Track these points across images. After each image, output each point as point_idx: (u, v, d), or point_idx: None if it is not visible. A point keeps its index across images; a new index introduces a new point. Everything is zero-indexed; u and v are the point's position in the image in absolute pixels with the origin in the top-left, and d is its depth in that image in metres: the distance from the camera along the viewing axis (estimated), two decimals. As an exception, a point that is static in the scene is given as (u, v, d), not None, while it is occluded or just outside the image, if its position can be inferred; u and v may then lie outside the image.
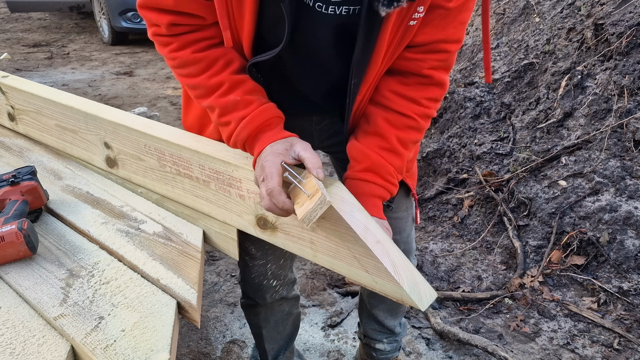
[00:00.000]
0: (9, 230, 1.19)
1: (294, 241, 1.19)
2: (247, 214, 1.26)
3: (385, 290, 1.02)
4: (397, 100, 1.10)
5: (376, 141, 1.11)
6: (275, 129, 1.04)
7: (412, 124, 1.12)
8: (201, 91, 1.05)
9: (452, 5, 0.98)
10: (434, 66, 1.07)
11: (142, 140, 1.41)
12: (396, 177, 1.14)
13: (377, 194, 1.12)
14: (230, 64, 1.04)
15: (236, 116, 1.02)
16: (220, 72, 1.03)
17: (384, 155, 1.11)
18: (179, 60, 1.04)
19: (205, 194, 1.34)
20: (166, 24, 1.00)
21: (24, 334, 1.04)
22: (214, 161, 1.25)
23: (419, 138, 1.17)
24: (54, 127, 1.71)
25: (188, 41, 1.02)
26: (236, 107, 1.03)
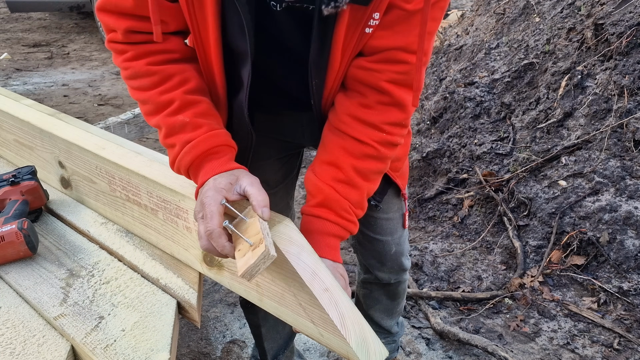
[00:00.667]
0: (9, 230, 1.19)
1: (239, 282, 1.11)
2: (193, 248, 1.19)
3: (331, 345, 0.94)
4: (355, 125, 1.01)
5: (331, 172, 1.03)
6: (222, 158, 0.95)
7: (370, 152, 1.02)
8: (150, 107, 0.97)
9: (410, 7, 0.89)
10: (392, 79, 0.97)
11: (94, 162, 1.34)
12: (353, 214, 1.04)
13: (332, 231, 1.02)
14: (185, 82, 0.97)
15: (181, 139, 0.94)
16: (173, 89, 0.96)
17: (338, 188, 1.02)
18: (132, 71, 0.96)
19: (153, 223, 1.27)
20: (123, 30, 0.93)
21: (24, 334, 1.04)
22: (161, 189, 1.18)
23: (381, 168, 1.06)
24: (13, 141, 1.65)
25: (144, 51, 0.95)
26: (183, 129, 0.95)
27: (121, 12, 0.93)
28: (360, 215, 1.07)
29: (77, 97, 5.23)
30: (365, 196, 1.06)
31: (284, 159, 1.35)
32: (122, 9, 0.92)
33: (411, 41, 0.93)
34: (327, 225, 1.02)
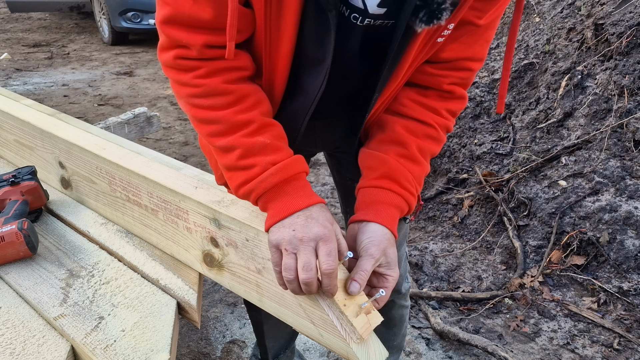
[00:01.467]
0: (9, 230, 1.19)
1: (239, 282, 1.12)
2: (193, 248, 1.19)
3: (331, 345, 0.94)
4: (417, 108, 1.03)
5: (394, 148, 1.03)
6: (307, 187, 0.92)
7: (432, 133, 1.04)
8: (222, 127, 0.90)
9: (482, 22, 0.92)
10: (454, 82, 1.02)
11: (94, 162, 1.34)
12: (415, 187, 1.03)
13: (394, 202, 1.00)
14: (260, 103, 0.93)
15: (263, 160, 0.89)
16: (250, 109, 0.91)
17: (402, 162, 1.02)
18: (205, 89, 0.89)
19: (153, 223, 1.27)
20: (200, 45, 0.85)
21: (24, 334, 1.04)
22: (161, 189, 1.18)
23: (436, 151, 1.08)
24: (13, 142, 1.65)
25: (220, 68, 0.89)
26: (264, 151, 0.89)
27: (198, 26, 0.84)
28: (419, 191, 1.05)
29: (77, 97, 5.24)
30: (424, 175, 1.06)
31: None
32: (200, 22, 0.84)
33: (477, 51, 0.99)
34: (390, 195, 1.00)
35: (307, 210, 0.87)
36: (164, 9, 0.84)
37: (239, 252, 1.06)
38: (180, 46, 0.87)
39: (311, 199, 0.89)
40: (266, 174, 0.88)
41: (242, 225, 1.01)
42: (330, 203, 3.18)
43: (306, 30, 0.89)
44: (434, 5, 0.82)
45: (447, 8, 0.83)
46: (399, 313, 1.56)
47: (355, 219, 0.97)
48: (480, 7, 0.91)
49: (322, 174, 3.52)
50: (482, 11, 0.91)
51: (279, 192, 0.89)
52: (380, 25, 0.89)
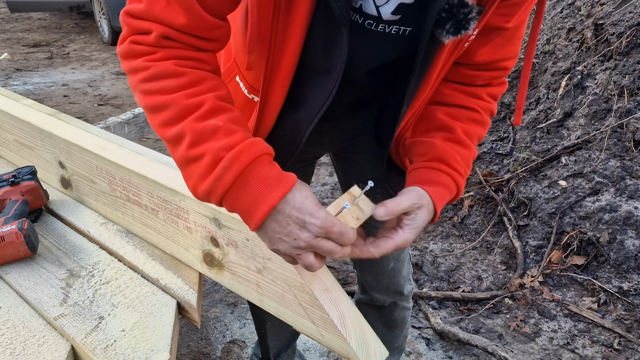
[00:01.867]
0: (9, 230, 1.19)
1: (240, 282, 1.11)
2: (194, 248, 1.18)
3: (331, 345, 0.93)
4: (458, 95, 1.02)
5: (441, 134, 0.99)
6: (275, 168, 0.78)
7: (476, 117, 1.01)
8: (172, 113, 0.78)
9: (510, 25, 0.92)
10: (491, 77, 1.02)
11: (94, 162, 1.33)
12: (463, 169, 0.98)
13: (443, 182, 0.94)
14: (217, 88, 0.82)
15: (214, 146, 0.74)
16: (203, 92, 0.79)
17: (450, 145, 0.98)
18: (154, 70, 0.79)
19: (153, 223, 1.26)
20: (159, 35, 0.79)
21: (24, 334, 1.03)
22: (162, 189, 1.17)
23: (483, 134, 1.04)
24: (13, 142, 1.65)
25: (175, 55, 0.80)
26: (215, 135, 0.75)
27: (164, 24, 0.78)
28: (467, 174, 1.00)
29: (77, 97, 5.24)
30: (472, 158, 1.03)
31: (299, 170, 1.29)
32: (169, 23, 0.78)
33: (509, 50, 0.98)
34: (440, 176, 0.94)
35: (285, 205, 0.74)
36: (135, 3, 0.79)
37: (239, 252, 1.06)
38: (139, 32, 0.80)
39: (282, 184, 0.74)
40: (220, 168, 0.73)
41: (243, 224, 1.01)
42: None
43: (314, 39, 0.84)
44: (460, 16, 0.80)
45: (474, 17, 0.81)
46: (401, 315, 1.55)
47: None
48: (506, 12, 0.89)
49: (322, 174, 3.52)
50: (509, 15, 0.90)
51: (242, 188, 0.74)
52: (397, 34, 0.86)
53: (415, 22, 0.84)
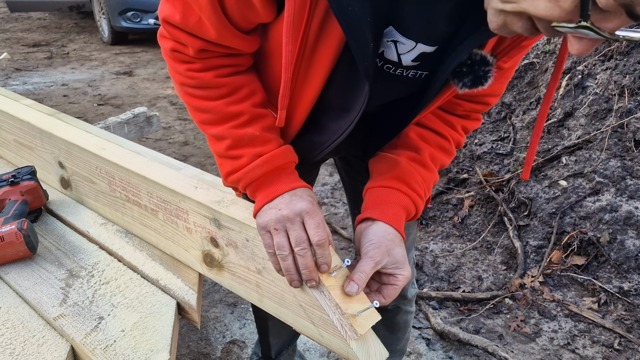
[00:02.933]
0: (9, 230, 1.19)
1: (240, 282, 1.12)
2: (193, 248, 1.18)
3: (331, 345, 0.94)
4: (436, 120, 1.06)
5: (407, 152, 1.04)
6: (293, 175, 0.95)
7: (445, 144, 1.07)
8: (214, 117, 0.93)
9: (507, 66, 0.95)
10: (474, 109, 1.06)
11: (94, 162, 1.34)
12: (424, 190, 1.03)
13: (402, 202, 0.99)
14: (253, 94, 0.94)
15: (251, 152, 0.91)
16: (241, 101, 0.93)
17: (413, 165, 1.03)
18: (198, 82, 0.91)
19: (153, 223, 1.26)
20: (197, 49, 0.88)
21: (24, 334, 1.03)
22: (161, 189, 1.17)
23: (446, 163, 1.10)
24: (12, 142, 1.65)
25: (214, 65, 0.91)
26: (252, 142, 0.92)
27: (199, 37, 0.86)
28: (427, 196, 1.06)
29: (77, 97, 5.23)
30: (433, 183, 1.08)
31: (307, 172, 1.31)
32: (202, 36, 0.86)
33: (496, 88, 1.01)
34: (398, 196, 1.00)
35: (291, 191, 0.90)
36: (172, 11, 0.85)
37: (239, 252, 1.06)
38: (180, 43, 0.89)
39: (296, 183, 0.92)
40: (253, 165, 0.91)
41: (242, 225, 1.00)
42: (330, 203, 3.18)
43: (335, 79, 0.89)
44: (480, 73, 0.83)
45: (492, 74, 0.84)
46: (403, 319, 1.54)
47: (362, 217, 0.97)
48: (511, 54, 0.91)
49: (322, 174, 3.52)
50: (510, 57, 0.93)
51: (265, 181, 0.92)
52: (413, 77, 0.90)
53: (433, 67, 0.87)
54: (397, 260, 0.91)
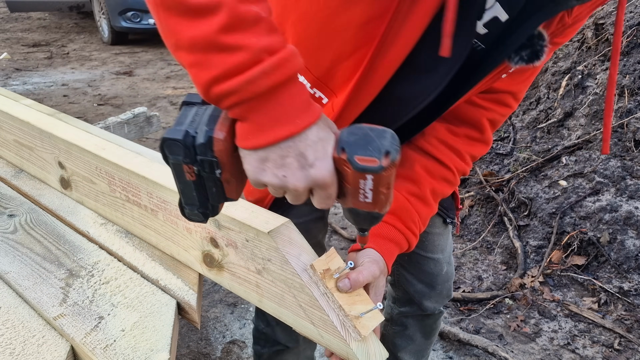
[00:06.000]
0: None
1: (239, 283, 1.10)
2: (193, 249, 1.17)
3: (331, 346, 0.93)
4: (443, 149, 1.02)
5: (408, 186, 1.01)
6: (304, 92, 0.64)
7: (449, 176, 1.04)
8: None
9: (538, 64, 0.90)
10: (492, 118, 1.02)
11: (94, 162, 1.33)
12: (418, 228, 1.01)
13: (395, 239, 0.97)
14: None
15: (256, 43, 0.59)
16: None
17: (412, 201, 1.00)
18: None
19: (153, 224, 1.25)
20: None
21: (24, 334, 1.03)
22: (161, 189, 1.16)
23: (447, 193, 1.08)
24: (12, 142, 1.64)
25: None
26: (257, 26, 0.60)
27: None
28: (422, 230, 1.03)
29: (77, 97, 5.23)
30: (430, 216, 1.05)
31: None
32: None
33: (521, 89, 0.99)
34: (393, 232, 0.98)
35: (301, 138, 0.63)
36: None
37: (239, 253, 1.06)
38: None
39: (309, 113, 0.63)
40: (258, 70, 0.59)
41: (242, 225, 1.00)
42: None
43: (429, 36, 0.78)
44: (537, 46, 0.82)
45: (546, 50, 0.83)
46: (440, 321, 1.52)
47: (355, 247, 0.97)
48: (565, 32, 0.89)
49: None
50: (565, 35, 0.91)
51: (270, 100, 0.61)
52: (472, 47, 0.84)
53: (493, 41, 0.84)
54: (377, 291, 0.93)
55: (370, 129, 0.66)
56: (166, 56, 6.90)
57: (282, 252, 0.93)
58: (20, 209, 1.45)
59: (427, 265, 1.31)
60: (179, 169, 0.68)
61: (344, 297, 0.89)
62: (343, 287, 0.87)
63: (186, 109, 0.69)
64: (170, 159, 0.67)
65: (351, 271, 0.89)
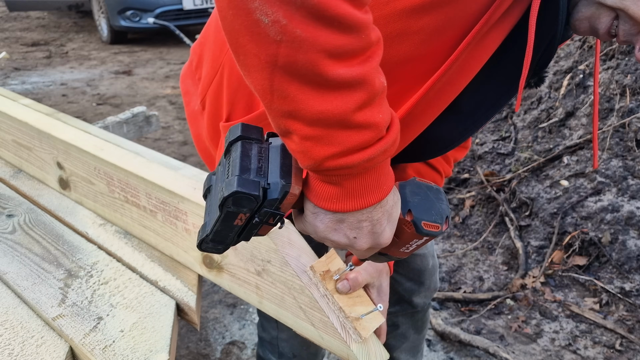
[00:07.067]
0: None
1: (239, 284, 1.11)
2: (192, 250, 1.17)
3: (331, 347, 0.93)
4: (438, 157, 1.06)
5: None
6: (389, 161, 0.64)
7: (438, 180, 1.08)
8: (355, 41, 0.51)
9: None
10: None
11: (92, 163, 1.33)
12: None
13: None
14: None
15: (383, 119, 0.56)
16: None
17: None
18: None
19: (152, 224, 1.26)
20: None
21: (23, 335, 1.02)
22: (160, 190, 1.16)
23: None
24: (11, 142, 1.64)
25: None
26: (383, 99, 0.57)
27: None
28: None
29: (76, 97, 5.22)
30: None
31: None
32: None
33: None
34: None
35: (382, 204, 0.62)
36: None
37: (238, 254, 1.05)
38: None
39: (390, 177, 0.62)
40: (379, 149, 0.56)
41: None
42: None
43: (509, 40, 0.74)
44: (543, 74, 0.83)
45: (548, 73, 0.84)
46: (429, 314, 1.53)
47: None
48: None
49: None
50: None
51: (371, 171, 0.59)
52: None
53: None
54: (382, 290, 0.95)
55: (428, 188, 0.68)
56: (165, 55, 6.90)
57: (281, 253, 0.93)
58: (19, 209, 1.44)
59: (414, 262, 1.33)
60: (233, 217, 0.61)
61: (344, 299, 0.89)
62: (342, 289, 0.88)
63: (245, 148, 0.61)
64: (231, 209, 0.60)
65: (350, 272, 0.89)
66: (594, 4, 0.67)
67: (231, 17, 0.51)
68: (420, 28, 0.67)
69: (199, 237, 0.67)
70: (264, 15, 0.49)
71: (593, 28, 0.70)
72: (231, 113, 0.92)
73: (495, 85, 0.80)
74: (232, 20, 0.51)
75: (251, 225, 0.64)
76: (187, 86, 1.11)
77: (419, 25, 0.67)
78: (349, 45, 0.51)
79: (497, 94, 0.81)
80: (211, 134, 1.01)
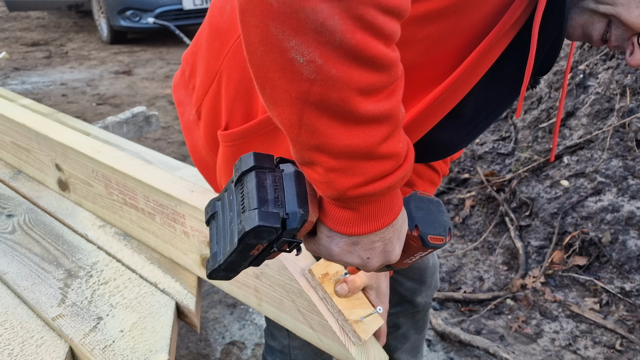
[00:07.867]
0: None
1: (238, 287, 1.11)
2: (191, 252, 1.17)
3: (331, 350, 0.93)
4: None
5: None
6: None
7: (435, 179, 1.08)
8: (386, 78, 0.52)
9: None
10: None
11: (90, 165, 1.32)
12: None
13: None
14: None
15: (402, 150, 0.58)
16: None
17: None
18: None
19: (150, 227, 1.26)
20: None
21: (23, 335, 1.02)
22: (157, 193, 1.16)
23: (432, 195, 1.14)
24: (10, 144, 1.64)
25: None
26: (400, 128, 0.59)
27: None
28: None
29: (76, 97, 5.22)
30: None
31: None
32: None
33: None
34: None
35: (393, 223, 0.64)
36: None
37: None
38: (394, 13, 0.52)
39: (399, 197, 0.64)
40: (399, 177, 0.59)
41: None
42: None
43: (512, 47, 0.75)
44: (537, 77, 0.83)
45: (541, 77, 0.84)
46: (429, 313, 1.52)
47: None
48: None
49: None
50: None
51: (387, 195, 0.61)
52: None
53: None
54: (381, 292, 0.95)
55: (430, 201, 0.71)
56: (165, 55, 6.89)
57: (279, 256, 0.92)
58: (18, 209, 1.44)
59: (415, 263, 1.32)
60: (251, 248, 0.61)
61: (343, 302, 0.89)
62: (341, 291, 0.89)
63: (260, 178, 0.61)
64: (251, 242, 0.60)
65: (348, 275, 0.89)
66: (587, 11, 0.69)
67: (262, 52, 0.51)
68: (425, 36, 0.67)
69: (209, 267, 0.66)
70: (299, 55, 0.49)
71: (586, 34, 0.72)
72: (230, 121, 0.92)
73: (496, 91, 0.81)
74: (262, 56, 0.52)
75: (265, 253, 0.64)
76: (180, 96, 1.09)
77: (423, 34, 0.67)
78: (380, 83, 0.52)
79: (498, 99, 0.82)
80: (209, 143, 1.00)
